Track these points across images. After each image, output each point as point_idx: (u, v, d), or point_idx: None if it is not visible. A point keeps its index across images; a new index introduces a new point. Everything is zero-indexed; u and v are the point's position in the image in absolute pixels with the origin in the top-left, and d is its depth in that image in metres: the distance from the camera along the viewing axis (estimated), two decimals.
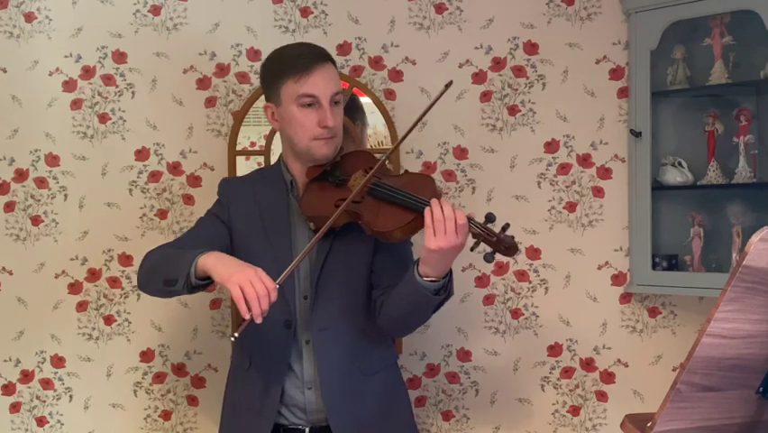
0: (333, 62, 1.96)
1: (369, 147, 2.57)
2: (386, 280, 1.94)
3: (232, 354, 2.14)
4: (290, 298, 1.92)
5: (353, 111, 2.54)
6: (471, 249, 1.78)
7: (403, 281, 1.84)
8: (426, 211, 1.73)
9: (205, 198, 2.58)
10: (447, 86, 1.92)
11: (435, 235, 1.71)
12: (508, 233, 1.76)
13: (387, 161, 1.96)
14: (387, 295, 1.91)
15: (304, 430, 1.95)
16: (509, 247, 1.76)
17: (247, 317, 1.69)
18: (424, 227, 1.77)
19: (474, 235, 1.76)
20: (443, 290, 1.79)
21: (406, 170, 2.07)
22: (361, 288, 1.97)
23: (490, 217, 1.76)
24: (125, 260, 2.58)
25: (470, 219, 1.75)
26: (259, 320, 1.69)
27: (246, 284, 1.68)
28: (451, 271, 1.80)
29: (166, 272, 1.85)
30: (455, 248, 1.72)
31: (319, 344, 1.92)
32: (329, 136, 1.92)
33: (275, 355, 1.95)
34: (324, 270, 1.92)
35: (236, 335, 1.70)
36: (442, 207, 1.72)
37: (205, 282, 1.83)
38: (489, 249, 1.76)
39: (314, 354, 1.93)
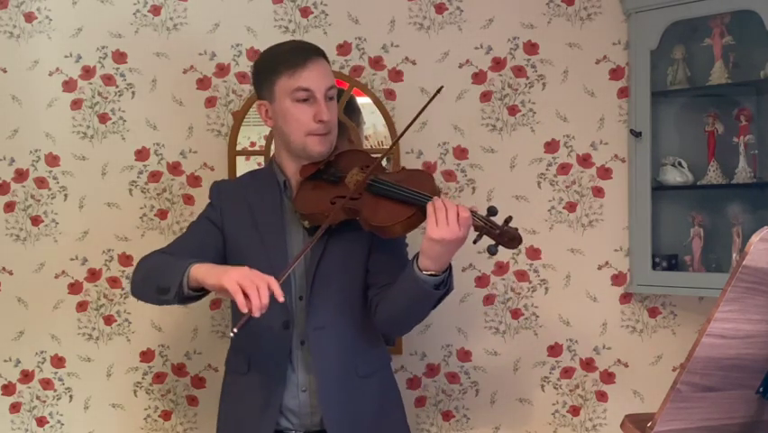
0: (326, 58, 1.96)
1: (368, 147, 2.57)
2: (382, 280, 1.93)
3: (227, 359, 2.10)
4: (287, 298, 1.89)
5: (351, 112, 2.54)
6: (474, 242, 1.79)
7: (402, 277, 1.83)
8: (429, 202, 1.75)
9: (205, 199, 2.57)
10: (438, 91, 1.95)
11: (437, 225, 1.71)
12: (512, 225, 1.78)
13: (384, 161, 1.95)
14: (384, 293, 1.90)
15: None
16: (513, 239, 1.77)
17: (245, 310, 1.66)
18: (423, 222, 1.78)
19: (477, 228, 1.77)
20: (443, 285, 1.79)
21: (404, 167, 2.07)
22: (356, 287, 1.97)
23: (492, 210, 1.77)
24: (125, 260, 2.58)
25: (472, 212, 1.76)
26: (257, 314, 1.65)
27: (243, 278, 1.67)
28: (450, 266, 1.80)
29: (158, 280, 1.82)
30: (457, 240, 1.72)
31: (316, 344, 1.91)
32: (324, 132, 1.92)
33: (274, 358, 1.93)
34: (320, 269, 1.91)
35: (235, 330, 1.67)
36: (443, 201, 1.74)
37: (198, 294, 1.81)
38: (492, 242, 1.77)
39: (309, 355, 1.92)
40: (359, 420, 1.94)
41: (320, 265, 1.91)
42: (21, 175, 2.58)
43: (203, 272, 1.75)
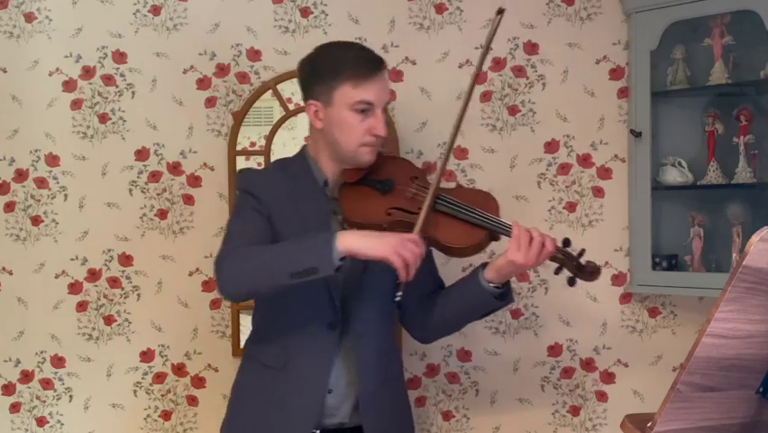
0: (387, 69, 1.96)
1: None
2: (420, 290, 1.98)
3: (253, 348, 2.04)
4: (337, 298, 1.90)
5: None
6: (556, 273, 1.89)
7: (462, 285, 1.93)
8: (515, 224, 1.82)
9: (206, 198, 2.58)
10: (499, 12, 1.95)
11: (520, 250, 1.79)
12: (586, 257, 1.87)
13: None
14: (426, 301, 1.99)
15: None
16: (593, 272, 1.88)
17: (405, 280, 1.74)
18: (489, 244, 1.90)
19: (555, 260, 1.85)
20: (502, 297, 1.88)
21: (459, 184, 2.07)
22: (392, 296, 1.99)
23: (567, 242, 1.86)
24: (125, 260, 2.58)
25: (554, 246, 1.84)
26: (411, 278, 1.74)
27: (404, 250, 1.72)
28: (509, 281, 1.89)
29: (291, 266, 1.74)
30: (532, 266, 1.83)
31: (359, 350, 1.93)
32: (377, 144, 1.92)
33: (318, 358, 1.92)
34: (365, 277, 1.91)
35: (401, 294, 1.77)
36: (530, 231, 1.81)
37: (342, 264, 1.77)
38: (570, 274, 1.86)
39: (347, 359, 1.93)
40: (388, 424, 2.00)
41: (365, 276, 1.91)
42: (21, 175, 2.58)
43: (356, 243, 1.73)
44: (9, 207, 2.58)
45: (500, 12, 1.95)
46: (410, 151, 2.58)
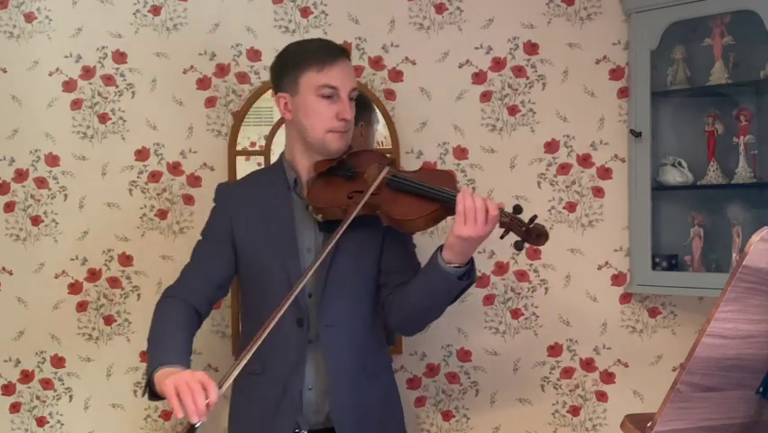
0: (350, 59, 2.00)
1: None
2: (395, 280, 1.96)
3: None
4: (300, 295, 1.88)
5: (363, 110, 2.53)
6: (501, 237, 1.83)
7: (424, 270, 1.87)
8: (459, 199, 1.77)
9: (206, 199, 2.57)
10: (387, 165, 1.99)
11: (466, 224, 1.74)
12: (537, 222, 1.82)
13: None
14: (400, 290, 1.92)
15: None
16: (540, 235, 1.81)
17: (180, 415, 1.58)
18: (446, 217, 1.86)
19: (503, 225, 1.81)
20: (466, 276, 1.83)
21: (422, 167, 2.09)
22: (368, 286, 1.98)
23: (518, 209, 1.81)
24: (125, 260, 2.58)
25: (499, 210, 1.79)
26: (194, 420, 1.57)
27: (180, 382, 1.61)
28: (472, 258, 1.83)
29: (148, 362, 1.82)
30: (483, 237, 1.76)
31: (327, 342, 1.92)
32: (344, 130, 1.94)
33: (290, 356, 1.92)
34: (333, 267, 1.91)
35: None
36: (473, 198, 1.76)
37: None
38: (518, 238, 1.80)
39: (319, 353, 1.92)
40: (366, 419, 1.95)
41: (333, 263, 1.91)
42: (21, 175, 2.58)
43: (160, 380, 1.69)
44: (9, 207, 2.58)
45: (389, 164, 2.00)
46: (410, 150, 2.58)
